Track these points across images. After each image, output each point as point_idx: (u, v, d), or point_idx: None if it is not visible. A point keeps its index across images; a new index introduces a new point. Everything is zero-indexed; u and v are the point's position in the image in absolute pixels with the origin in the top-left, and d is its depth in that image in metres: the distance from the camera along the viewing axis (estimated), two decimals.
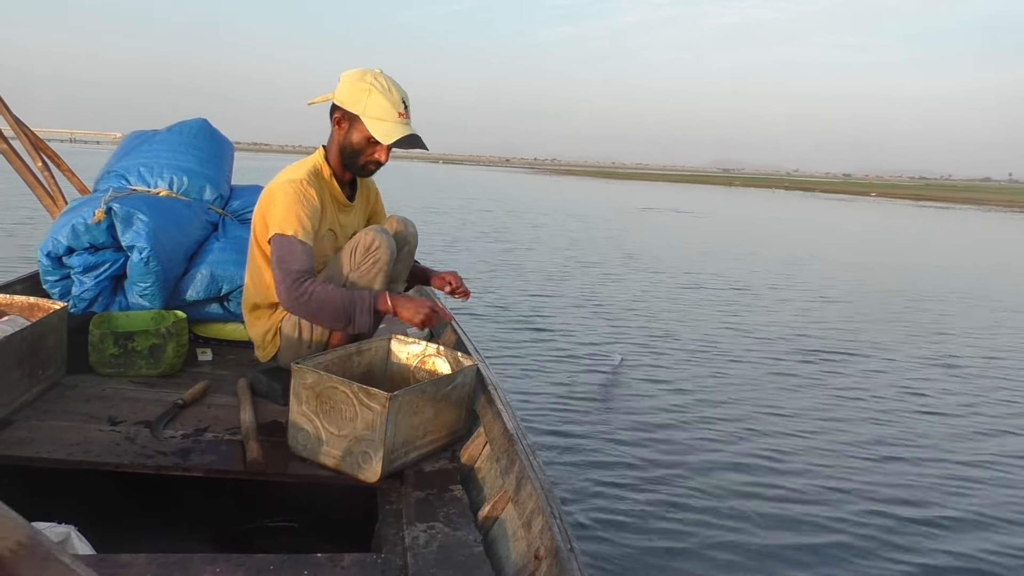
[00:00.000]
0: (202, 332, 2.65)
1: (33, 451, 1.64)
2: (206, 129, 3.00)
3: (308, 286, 1.90)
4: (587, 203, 25.52)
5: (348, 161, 2.12)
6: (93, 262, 2.45)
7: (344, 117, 2.06)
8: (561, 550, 1.21)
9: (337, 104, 2.06)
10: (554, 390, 4.37)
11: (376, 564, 1.32)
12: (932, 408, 4.57)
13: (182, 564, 1.25)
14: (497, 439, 1.74)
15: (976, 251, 17.55)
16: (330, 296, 1.90)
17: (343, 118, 2.06)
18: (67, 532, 1.34)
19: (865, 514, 3.03)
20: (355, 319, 1.93)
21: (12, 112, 3.15)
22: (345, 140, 2.08)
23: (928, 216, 33.17)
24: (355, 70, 2.06)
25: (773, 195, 50.60)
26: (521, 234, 13.70)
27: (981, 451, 3.86)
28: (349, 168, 2.14)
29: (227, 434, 1.84)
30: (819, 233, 20.05)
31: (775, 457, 3.57)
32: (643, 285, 8.73)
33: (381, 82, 2.02)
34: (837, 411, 4.38)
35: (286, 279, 1.91)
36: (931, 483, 3.40)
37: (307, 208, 1.99)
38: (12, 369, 1.81)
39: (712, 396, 4.51)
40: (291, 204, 1.97)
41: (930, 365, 5.68)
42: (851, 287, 9.67)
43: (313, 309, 1.92)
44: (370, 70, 2.06)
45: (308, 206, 1.99)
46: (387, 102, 2.01)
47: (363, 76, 2.03)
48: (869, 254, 14.51)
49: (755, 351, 5.77)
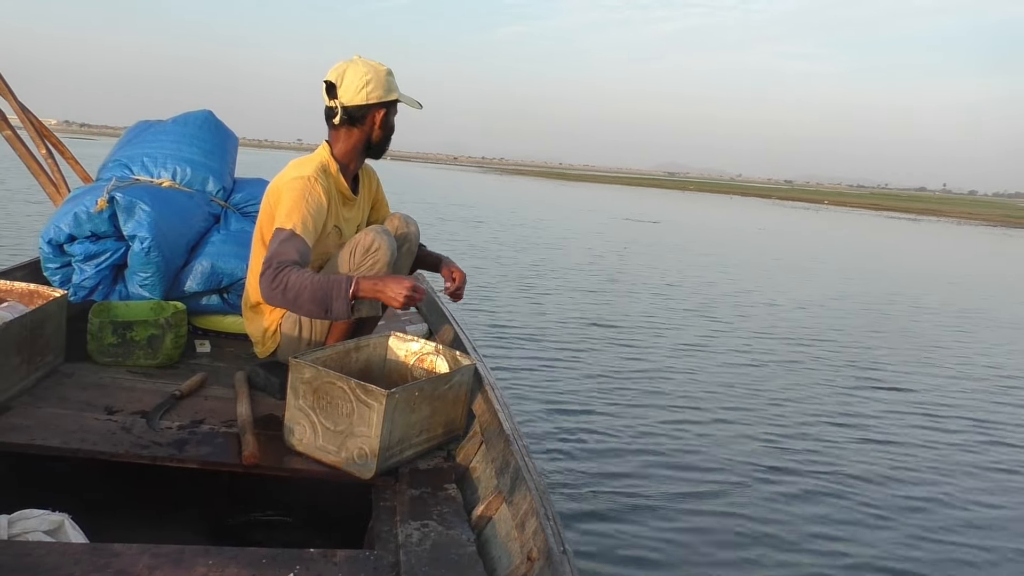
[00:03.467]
0: (201, 324, 2.65)
1: (28, 438, 1.64)
2: (211, 121, 2.99)
3: (284, 274, 1.84)
4: (565, 211, 24.08)
5: (380, 146, 2.18)
6: (94, 250, 2.44)
7: (383, 109, 2.10)
8: (554, 552, 1.20)
9: (371, 103, 2.06)
10: (553, 391, 4.37)
11: (368, 560, 1.32)
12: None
13: (175, 555, 1.25)
14: (493, 439, 1.74)
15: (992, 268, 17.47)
16: (305, 283, 1.83)
17: (383, 110, 2.10)
18: (61, 520, 1.34)
19: (867, 514, 3.03)
20: (331, 307, 1.85)
21: (17, 98, 3.15)
22: (383, 128, 2.14)
23: (906, 228, 33.15)
24: (357, 67, 2.05)
25: (731, 201, 50.00)
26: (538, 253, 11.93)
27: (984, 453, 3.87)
28: (377, 153, 2.19)
29: (223, 427, 1.84)
30: (836, 244, 19.97)
31: (776, 458, 3.58)
32: (656, 298, 8.71)
33: (385, 66, 2.10)
34: (846, 414, 4.38)
35: (267, 270, 1.87)
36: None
37: (312, 206, 1.98)
38: (10, 355, 1.81)
39: (712, 400, 4.51)
40: (296, 200, 1.97)
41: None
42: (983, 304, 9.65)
43: (290, 297, 1.85)
44: (361, 60, 2.08)
45: (313, 204, 1.99)
46: (395, 79, 2.13)
47: (373, 67, 2.06)
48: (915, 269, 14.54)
49: (766, 355, 5.77)
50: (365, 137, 2.12)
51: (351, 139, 2.11)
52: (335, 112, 2.06)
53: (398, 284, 1.84)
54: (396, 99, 2.12)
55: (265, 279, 1.87)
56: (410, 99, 2.15)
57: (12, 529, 1.30)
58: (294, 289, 1.83)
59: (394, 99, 2.11)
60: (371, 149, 2.17)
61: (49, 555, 1.22)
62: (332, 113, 2.08)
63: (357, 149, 2.14)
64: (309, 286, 1.83)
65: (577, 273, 9.59)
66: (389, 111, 2.14)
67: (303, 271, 1.86)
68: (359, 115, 2.07)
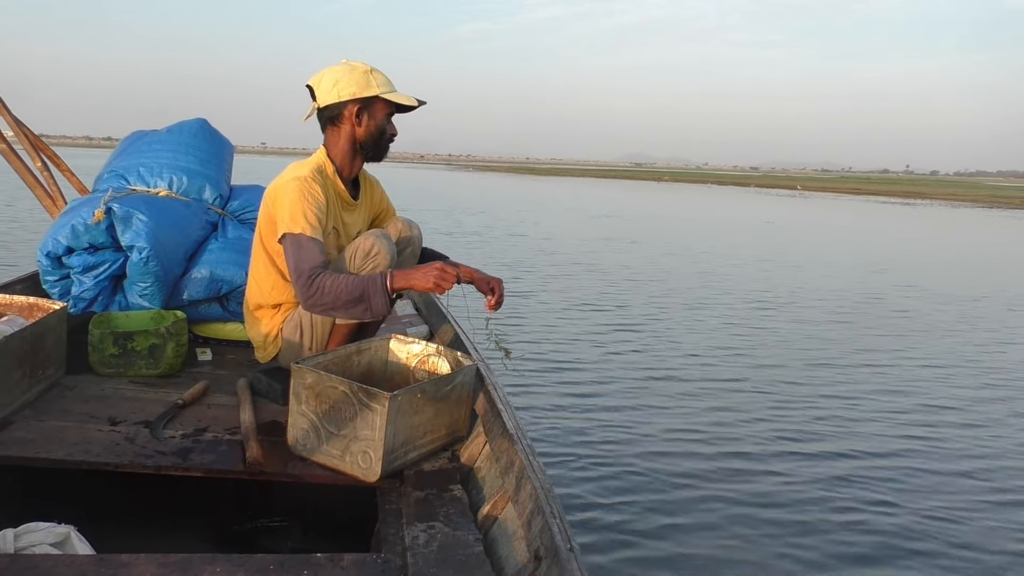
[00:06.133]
0: (202, 332, 2.65)
1: (33, 451, 1.64)
2: (205, 129, 2.99)
3: (319, 281, 1.89)
4: (548, 207, 22.73)
5: (372, 148, 2.15)
6: (93, 262, 2.44)
7: (361, 107, 2.08)
8: (561, 550, 1.20)
9: (344, 100, 2.06)
10: (554, 390, 4.37)
11: (376, 564, 1.32)
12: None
13: (182, 564, 1.25)
14: (497, 439, 1.74)
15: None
16: (342, 286, 1.88)
17: (360, 109, 2.08)
18: (67, 532, 1.34)
19: (867, 515, 3.03)
20: (371, 303, 1.91)
21: (12, 112, 3.15)
22: (368, 128, 2.11)
23: (911, 214, 31.98)
24: (334, 68, 2.08)
25: (713, 191, 48.46)
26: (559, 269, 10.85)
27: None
28: (370, 156, 2.17)
29: (227, 434, 1.84)
30: (872, 237, 18.56)
31: (778, 460, 3.57)
32: (658, 291, 8.67)
33: (364, 64, 2.09)
34: (853, 417, 4.38)
35: (299, 279, 1.91)
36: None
37: (313, 204, 1.99)
38: (11, 369, 1.81)
39: (716, 398, 4.51)
40: (297, 201, 1.98)
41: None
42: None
43: (328, 303, 1.90)
44: (346, 62, 2.10)
45: (314, 202, 2.00)
46: (385, 77, 2.09)
47: (351, 66, 2.07)
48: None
49: (772, 355, 5.77)
50: (350, 136, 2.12)
51: (338, 139, 2.13)
52: (318, 114, 2.12)
53: (428, 268, 1.92)
54: (375, 96, 2.06)
55: (301, 288, 1.90)
56: (402, 96, 2.10)
57: (18, 542, 1.30)
58: (332, 293, 1.88)
59: (371, 95, 2.06)
60: (364, 150, 2.15)
61: (56, 567, 1.22)
62: (319, 116, 2.13)
63: (346, 149, 2.14)
64: (346, 288, 1.88)
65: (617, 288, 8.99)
66: (368, 108, 2.09)
67: (336, 275, 1.90)
68: (335, 113, 2.09)
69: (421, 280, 1.91)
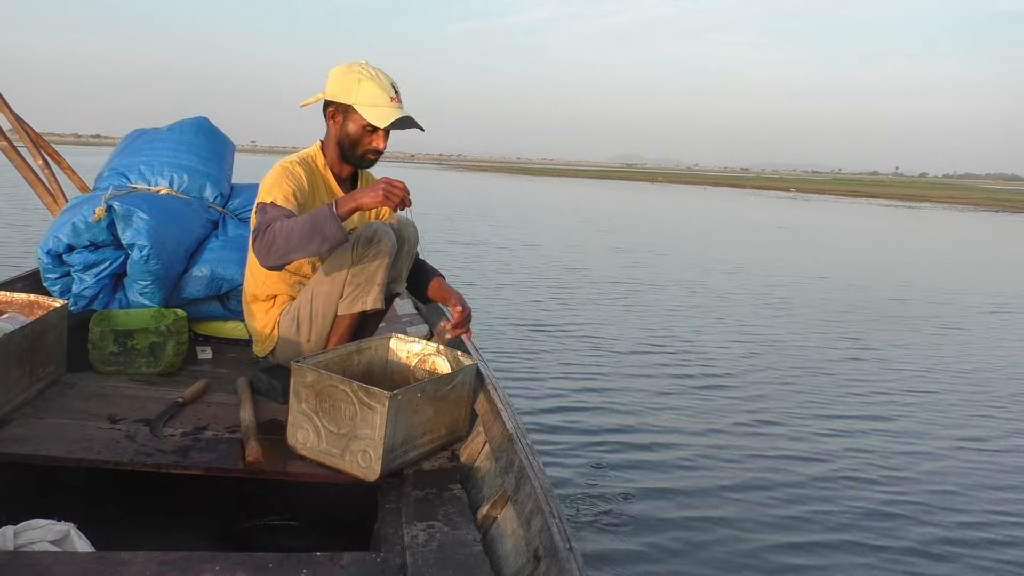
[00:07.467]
0: (202, 330, 2.65)
1: (33, 449, 1.64)
2: (206, 127, 2.99)
3: (269, 231, 1.83)
4: (561, 215, 20.62)
5: (348, 153, 2.13)
6: (93, 260, 2.44)
7: (338, 110, 2.08)
8: (560, 549, 1.20)
9: (329, 99, 2.08)
10: (554, 389, 4.37)
11: (375, 563, 1.32)
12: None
13: (181, 562, 1.25)
14: (496, 438, 1.74)
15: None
16: (291, 225, 1.82)
17: (337, 111, 2.08)
18: (66, 529, 1.34)
19: (870, 514, 3.03)
20: (324, 231, 1.81)
21: (12, 110, 3.15)
22: (342, 132, 2.10)
23: (922, 217, 31.73)
24: (341, 65, 2.08)
25: (710, 193, 47.51)
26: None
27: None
28: (349, 160, 2.16)
29: (227, 432, 1.84)
30: (896, 242, 17.83)
31: (778, 458, 3.58)
32: (668, 293, 8.68)
33: (368, 71, 2.05)
34: (855, 417, 4.38)
35: (253, 236, 1.87)
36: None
37: (292, 183, 2.01)
38: (12, 367, 1.81)
39: (716, 398, 4.51)
40: (275, 179, 2.01)
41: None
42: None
43: (281, 245, 1.82)
44: (356, 62, 2.08)
45: (293, 181, 2.01)
46: (378, 88, 2.03)
47: (350, 68, 2.06)
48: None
49: (775, 354, 5.77)
50: (335, 135, 2.12)
51: (328, 134, 2.15)
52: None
53: (374, 184, 1.85)
54: (350, 104, 2.02)
55: (255, 246, 1.85)
56: (376, 114, 2.01)
57: (18, 540, 1.30)
58: (283, 235, 1.81)
59: (347, 103, 2.03)
60: (345, 153, 2.13)
61: (56, 565, 1.22)
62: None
63: (331, 147, 2.15)
64: (297, 226, 1.82)
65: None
66: (345, 113, 2.06)
67: (284, 220, 1.84)
68: (324, 109, 2.12)
69: (369, 197, 1.82)
